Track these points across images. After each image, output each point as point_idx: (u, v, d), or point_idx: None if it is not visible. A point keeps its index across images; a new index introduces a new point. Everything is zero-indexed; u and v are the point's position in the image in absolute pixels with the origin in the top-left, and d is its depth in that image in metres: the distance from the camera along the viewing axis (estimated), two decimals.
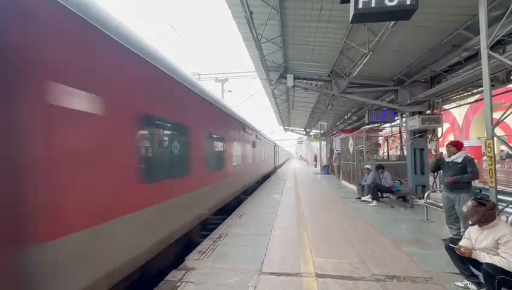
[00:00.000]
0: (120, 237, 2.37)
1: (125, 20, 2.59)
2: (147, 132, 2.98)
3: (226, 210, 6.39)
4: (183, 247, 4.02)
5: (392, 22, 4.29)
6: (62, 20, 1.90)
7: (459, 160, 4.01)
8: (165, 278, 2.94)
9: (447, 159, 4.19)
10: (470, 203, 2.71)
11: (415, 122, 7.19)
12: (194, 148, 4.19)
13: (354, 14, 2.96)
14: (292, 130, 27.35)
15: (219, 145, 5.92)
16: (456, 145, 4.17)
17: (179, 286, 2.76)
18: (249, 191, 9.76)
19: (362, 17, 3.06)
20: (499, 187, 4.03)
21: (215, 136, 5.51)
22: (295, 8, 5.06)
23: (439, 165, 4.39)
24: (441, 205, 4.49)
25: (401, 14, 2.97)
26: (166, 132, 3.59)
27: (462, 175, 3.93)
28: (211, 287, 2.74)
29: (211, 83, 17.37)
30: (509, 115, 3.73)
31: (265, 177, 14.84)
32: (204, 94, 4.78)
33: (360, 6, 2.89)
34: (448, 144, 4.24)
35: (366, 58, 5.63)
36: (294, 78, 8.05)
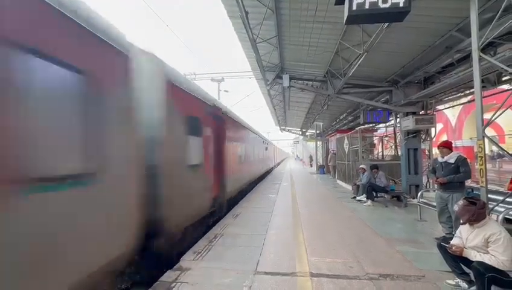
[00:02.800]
0: (235, 180, 7.56)
1: (119, 18, 2.54)
2: (242, 147, 8.77)
3: (269, 172, 16.71)
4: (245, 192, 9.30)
5: (386, 24, 4.33)
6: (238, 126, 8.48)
7: (452, 160, 4.06)
8: (160, 279, 2.93)
9: (440, 160, 4.24)
10: (461, 202, 2.76)
11: (409, 123, 7.28)
12: (249, 152, 10.15)
13: (348, 16, 2.99)
14: (288, 130, 27.41)
15: (257, 150, 12.77)
16: (448, 146, 4.23)
17: (174, 286, 2.76)
18: (269, 172, 19.01)
19: (356, 18, 3.10)
20: (490, 187, 4.11)
21: (254, 146, 11.90)
22: (291, 8, 5.08)
23: (434, 167, 4.44)
24: (434, 204, 4.56)
25: (395, 16, 3.02)
26: (242, 147, 8.77)
27: (454, 175, 3.98)
28: (206, 287, 2.74)
29: (207, 83, 17.35)
30: (499, 115, 3.81)
31: (272, 168, 23.24)
32: (253, 130, 11.70)
33: (354, 8, 2.92)
34: (439, 145, 4.29)
35: (361, 59, 5.68)
36: (290, 79, 8.08)
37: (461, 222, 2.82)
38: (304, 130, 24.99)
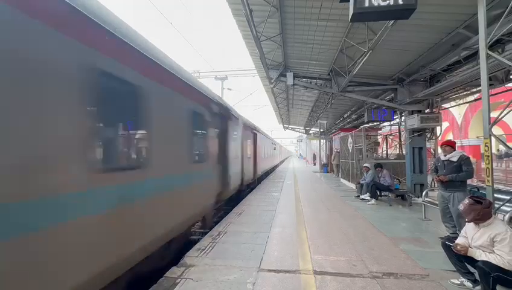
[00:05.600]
0: (260, 168, 12.63)
1: (121, 14, 2.59)
2: (262, 148, 13.77)
3: (274, 169, 22.15)
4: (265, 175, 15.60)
5: (392, 21, 4.28)
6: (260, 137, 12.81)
7: (455, 159, 4.02)
8: (165, 275, 2.97)
9: (442, 158, 4.20)
10: (466, 201, 2.73)
11: (414, 121, 7.20)
12: (266, 151, 15.42)
13: (353, 13, 2.97)
14: (292, 128, 27.34)
15: (269, 150, 17.80)
16: (451, 145, 4.19)
17: (179, 282, 2.79)
18: (277, 167, 25.68)
19: (362, 16, 3.07)
20: (497, 186, 4.06)
21: (268, 147, 17.07)
22: (295, 6, 5.06)
23: (436, 165, 4.41)
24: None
25: (401, 13, 2.98)
26: (262, 148, 13.66)
27: (457, 174, 3.94)
28: (210, 283, 2.77)
29: (211, 81, 17.34)
30: (507, 114, 3.75)
31: (277, 165, 27.55)
32: (268, 135, 18.17)
33: (360, 5, 2.90)
34: (443, 144, 4.25)
35: (366, 57, 5.63)
36: (294, 77, 8.05)
37: (466, 220, 2.80)
38: (307, 128, 24.90)
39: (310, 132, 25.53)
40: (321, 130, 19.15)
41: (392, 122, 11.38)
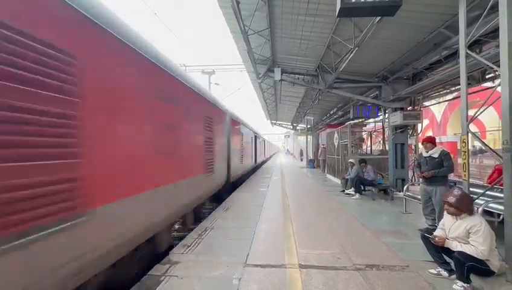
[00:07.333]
0: (257, 158, 17.05)
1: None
2: (260, 144, 18.96)
3: (264, 161, 25.45)
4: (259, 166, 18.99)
5: (378, 18, 4.35)
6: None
7: (436, 155, 4.21)
8: (149, 273, 2.89)
9: (425, 155, 4.38)
10: (459, 191, 2.89)
11: (397, 118, 7.42)
12: (265, 148, 25.30)
13: (340, 8, 2.98)
14: (279, 124, 27.47)
15: (266, 147, 28.52)
16: (431, 141, 4.37)
17: (163, 280, 2.73)
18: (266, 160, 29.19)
19: (349, 11, 3.08)
20: (471, 180, 4.27)
21: (266, 146, 27.03)
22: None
23: (419, 162, 4.58)
24: (419, 197, 4.72)
25: (386, 10, 3.03)
26: (259, 144, 18.21)
27: (438, 169, 4.14)
28: (195, 280, 2.73)
29: (197, 75, 16.96)
30: (482, 112, 3.92)
31: (267, 159, 31.23)
32: (258, 133, 18.50)
33: (347, 0, 2.90)
34: (423, 140, 4.43)
35: (352, 54, 5.70)
36: (282, 72, 8.03)
37: (445, 212, 2.94)
38: (294, 124, 25.11)
39: (297, 128, 25.78)
40: (308, 126, 19.37)
41: (376, 119, 11.67)
